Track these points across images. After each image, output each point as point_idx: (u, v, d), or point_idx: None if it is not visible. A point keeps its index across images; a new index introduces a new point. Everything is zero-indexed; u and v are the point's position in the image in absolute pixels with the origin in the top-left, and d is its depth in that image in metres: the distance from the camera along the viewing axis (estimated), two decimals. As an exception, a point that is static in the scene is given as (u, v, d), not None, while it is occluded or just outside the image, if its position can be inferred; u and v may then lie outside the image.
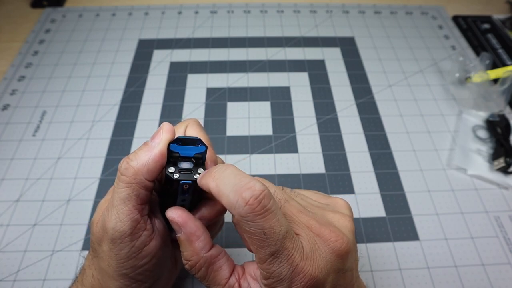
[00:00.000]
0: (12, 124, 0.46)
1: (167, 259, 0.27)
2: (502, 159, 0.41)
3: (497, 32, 0.59)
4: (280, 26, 0.59)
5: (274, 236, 0.19)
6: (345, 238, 0.22)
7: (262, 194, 0.19)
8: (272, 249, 0.20)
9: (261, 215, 0.19)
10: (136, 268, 0.24)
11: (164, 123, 0.24)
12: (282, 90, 0.50)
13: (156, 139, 0.23)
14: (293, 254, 0.20)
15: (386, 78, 0.52)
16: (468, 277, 0.34)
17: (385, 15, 0.62)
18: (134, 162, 0.23)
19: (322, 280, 0.21)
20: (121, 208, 0.23)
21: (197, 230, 0.23)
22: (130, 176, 0.23)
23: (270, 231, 0.19)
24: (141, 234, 0.23)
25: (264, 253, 0.20)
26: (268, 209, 0.19)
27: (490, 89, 0.47)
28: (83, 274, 0.26)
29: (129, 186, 0.23)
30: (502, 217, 0.39)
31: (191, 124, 0.27)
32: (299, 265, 0.20)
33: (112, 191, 0.26)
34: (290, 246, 0.20)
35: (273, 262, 0.20)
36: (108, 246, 0.23)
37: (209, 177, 0.22)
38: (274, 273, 0.20)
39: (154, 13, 0.61)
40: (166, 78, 0.51)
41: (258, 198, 0.19)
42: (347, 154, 0.43)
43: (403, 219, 0.38)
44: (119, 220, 0.23)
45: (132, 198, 0.23)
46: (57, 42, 0.56)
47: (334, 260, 0.21)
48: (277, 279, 0.20)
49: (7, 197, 0.39)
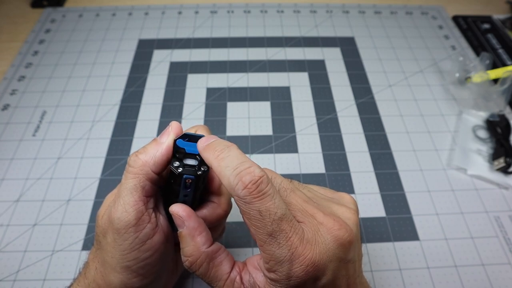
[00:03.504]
0: (12, 124, 0.46)
1: (169, 259, 0.27)
2: (502, 159, 0.41)
3: (497, 32, 0.59)
4: (280, 26, 0.59)
5: (270, 217, 0.20)
6: (348, 228, 0.23)
7: (260, 179, 0.20)
8: (268, 229, 0.20)
9: (258, 197, 0.20)
10: (139, 261, 0.24)
11: (173, 122, 0.26)
12: (282, 90, 0.50)
13: (164, 136, 0.25)
14: (291, 236, 0.20)
15: (386, 78, 0.52)
16: (468, 277, 0.34)
17: (385, 15, 0.62)
18: (142, 155, 0.25)
19: (322, 267, 0.21)
20: (128, 199, 0.24)
21: (199, 225, 0.24)
22: (138, 167, 0.24)
23: (266, 212, 0.20)
24: (145, 226, 0.24)
25: (262, 233, 0.21)
26: (265, 192, 0.20)
27: (490, 89, 0.47)
28: (86, 268, 0.27)
29: (136, 177, 0.24)
30: (502, 217, 0.39)
31: (201, 128, 0.29)
32: (298, 248, 0.20)
33: (119, 185, 0.26)
34: (288, 229, 0.21)
35: (272, 243, 0.20)
36: (113, 236, 0.24)
37: (212, 155, 0.23)
38: (274, 254, 0.20)
39: (154, 13, 0.61)
40: (166, 78, 0.51)
41: (256, 183, 0.20)
42: (347, 154, 0.43)
43: (403, 219, 0.38)
44: (125, 210, 0.23)
45: (138, 189, 0.24)
46: (57, 42, 0.56)
47: (336, 249, 0.22)
48: (277, 260, 0.20)
49: (7, 197, 0.39)
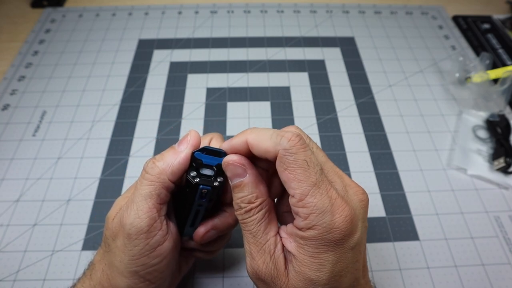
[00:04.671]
0: (12, 124, 0.46)
1: (175, 263, 0.28)
2: (502, 159, 0.41)
3: (497, 32, 0.59)
4: (280, 26, 0.59)
5: (314, 167, 0.21)
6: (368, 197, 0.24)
7: (300, 135, 0.22)
8: (312, 179, 0.21)
9: (302, 148, 0.21)
10: (147, 267, 0.24)
11: (191, 130, 0.26)
12: (282, 90, 0.50)
13: (183, 145, 0.25)
14: (331, 189, 0.21)
15: (386, 78, 0.52)
16: (468, 277, 0.34)
17: (385, 15, 0.62)
18: (160, 162, 0.25)
19: (356, 222, 0.22)
20: (142, 205, 0.24)
21: (258, 174, 0.24)
22: (155, 175, 0.24)
23: (311, 162, 0.21)
24: (157, 233, 0.24)
25: (307, 184, 0.21)
26: (306, 146, 0.22)
27: (490, 89, 0.47)
28: (92, 269, 0.26)
29: (152, 185, 0.24)
30: (502, 217, 0.39)
31: (216, 137, 0.29)
32: (337, 200, 0.21)
33: (132, 188, 0.27)
34: (326, 181, 0.21)
35: (315, 193, 0.21)
36: (123, 241, 0.24)
37: (244, 134, 0.23)
38: (316, 205, 0.21)
39: (154, 13, 0.61)
40: (166, 78, 0.51)
41: (298, 136, 0.22)
42: (347, 154, 0.43)
43: (403, 219, 0.38)
44: (138, 217, 0.23)
45: (153, 196, 0.24)
46: (57, 42, 0.56)
47: (361, 209, 0.23)
48: (320, 211, 0.21)
49: (7, 197, 0.39)
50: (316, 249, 0.21)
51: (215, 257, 0.35)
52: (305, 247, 0.21)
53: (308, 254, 0.21)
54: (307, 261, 0.21)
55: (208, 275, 0.34)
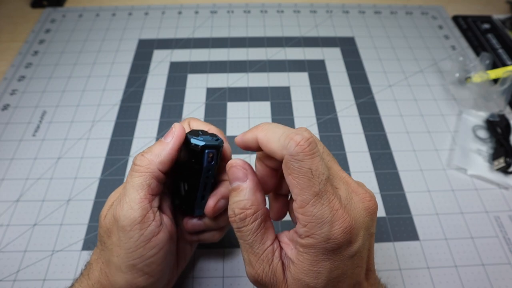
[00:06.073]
0: (12, 124, 0.46)
1: (172, 257, 0.28)
2: (502, 159, 0.41)
3: (497, 32, 0.59)
4: (280, 26, 0.59)
5: (319, 176, 0.21)
6: (376, 201, 0.23)
7: (310, 139, 0.21)
8: (315, 189, 0.21)
9: (309, 155, 0.21)
10: (144, 259, 0.24)
11: (175, 123, 0.27)
12: (282, 90, 0.50)
13: (169, 136, 0.26)
14: (333, 199, 0.21)
15: (386, 78, 0.52)
16: (468, 277, 0.34)
17: (385, 15, 0.62)
18: (148, 154, 0.26)
19: (356, 232, 0.21)
20: (134, 196, 0.24)
21: (258, 182, 0.24)
22: (144, 166, 0.25)
23: (316, 171, 0.21)
24: (150, 223, 0.24)
25: (309, 193, 0.21)
26: (315, 152, 0.21)
27: (490, 89, 0.47)
28: (89, 269, 0.26)
29: (143, 175, 0.25)
30: (502, 217, 0.39)
31: (193, 120, 0.29)
32: (339, 211, 0.21)
33: (123, 184, 0.27)
34: (331, 191, 0.21)
35: (316, 203, 0.20)
36: (118, 235, 0.24)
37: (256, 130, 0.23)
38: (316, 215, 0.20)
39: (154, 13, 0.61)
40: (166, 78, 0.51)
41: (307, 141, 0.21)
42: (347, 154, 0.43)
43: (403, 219, 0.38)
44: (130, 208, 0.24)
45: (144, 186, 0.25)
46: (57, 42, 0.56)
47: (366, 217, 0.22)
48: (319, 221, 0.20)
49: (7, 197, 0.39)
50: (316, 257, 0.21)
51: (215, 257, 0.35)
52: (304, 255, 0.21)
53: (307, 262, 0.21)
54: (306, 269, 0.21)
55: (208, 275, 0.34)
